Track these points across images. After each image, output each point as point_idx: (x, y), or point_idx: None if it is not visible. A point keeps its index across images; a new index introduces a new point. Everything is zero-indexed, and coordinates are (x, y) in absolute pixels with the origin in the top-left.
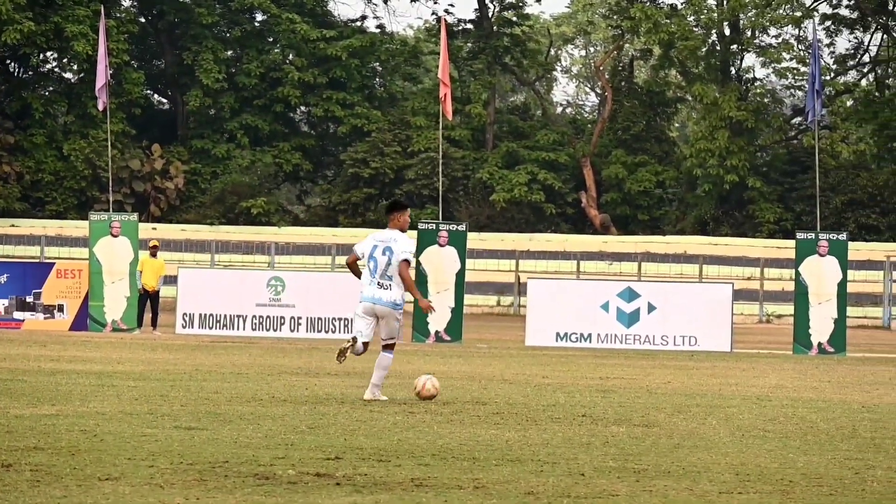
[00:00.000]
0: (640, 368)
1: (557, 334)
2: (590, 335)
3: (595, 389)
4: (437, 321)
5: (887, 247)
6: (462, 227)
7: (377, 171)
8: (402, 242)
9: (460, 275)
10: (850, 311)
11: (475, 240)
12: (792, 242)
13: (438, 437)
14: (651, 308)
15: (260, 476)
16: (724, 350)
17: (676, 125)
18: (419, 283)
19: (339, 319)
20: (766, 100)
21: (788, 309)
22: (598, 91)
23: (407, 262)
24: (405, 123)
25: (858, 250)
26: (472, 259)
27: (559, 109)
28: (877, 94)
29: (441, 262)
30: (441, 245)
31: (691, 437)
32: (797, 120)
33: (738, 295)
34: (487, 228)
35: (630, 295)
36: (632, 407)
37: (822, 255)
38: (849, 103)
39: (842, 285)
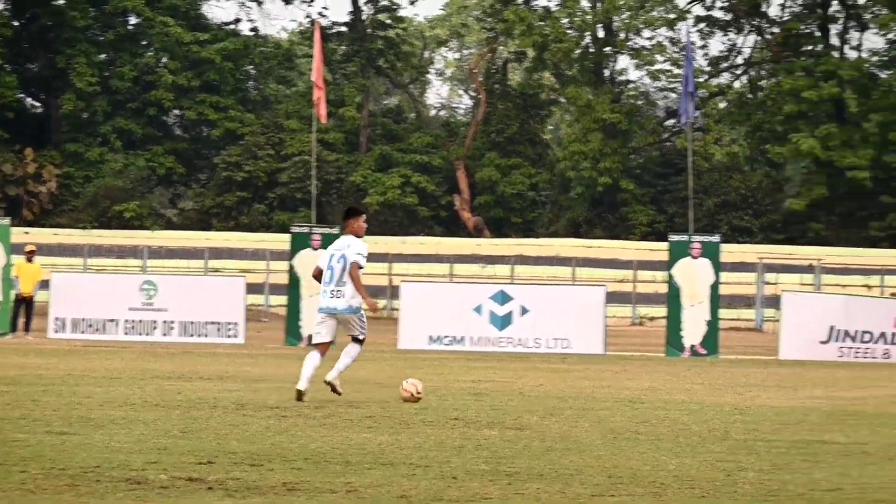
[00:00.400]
0: (513, 371)
1: (430, 337)
2: (463, 338)
3: (468, 392)
4: (311, 325)
5: (760, 249)
6: (335, 231)
7: (250, 174)
8: (355, 246)
9: None
10: (723, 312)
11: None
12: (665, 245)
13: (311, 440)
14: (524, 311)
15: (132, 481)
16: (596, 352)
17: (550, 127)
18: (291, 287)
19: (212, 323)
20: (639, 102)
21: (661, 311)
22: (472, 94)
23: (357, 264)
24: (278, 126)
25: (731, 252)
26: None
27: (433, 112)
28: (750, 96)
29: (313, 265)
30: (314, 249)
31: (563, 439)
32: (670, 122)
33: (611, 297)
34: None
35: (503, 298)
36: (504, 410)
37: (694, 258)
38: (722, 105)
39: (714, 287)
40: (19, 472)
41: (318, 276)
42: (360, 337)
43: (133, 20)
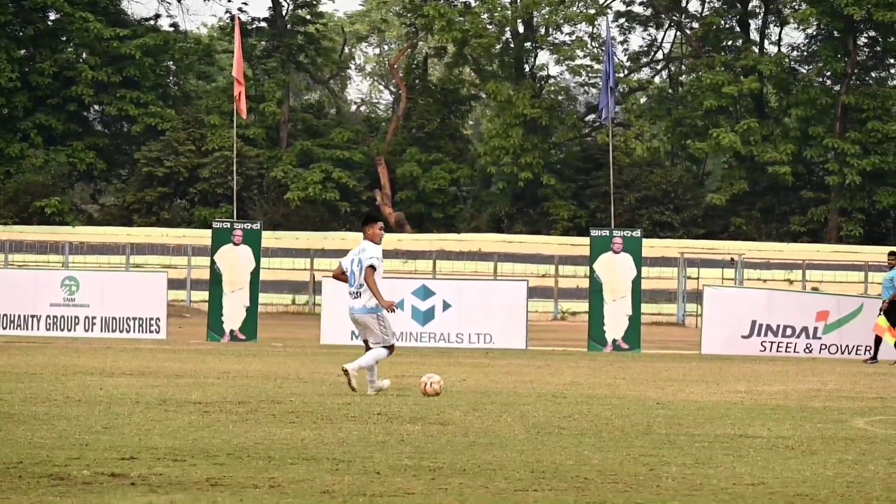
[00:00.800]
0: (436, 366)
1: (353, 332)
2: None
3: (390, 388)
4: (234, 320)
5: (681, 243)
6: (256, 226)
7: (171, 169)
8: (369, 251)
9: (255, 273)
10: (645, 307)
11: (270, 238)
12: (586, 240)
13: (233, 436)
14: (446, 306)
15: (55, 477)
16: (519, 347)
17: (471, 123)
18: (213, 282)
19: (134, 319)
20: (560, 97)
21: (583, 306)
22: (393, 89)
23: (371, 267)
24: (199, 122)
25: (652, 247)
26: (267, 258)
27: (353, 108)
28: (670, 91)
29: (236, 261)
30: (236, 244)
31: (486, 434)
32: (591, 117)
33: (533, 292)
34: (282, 227)
35: (425, 293)
36: (427, 405)
37: (616, 252)
38: (642, 100)
39: (636, 282)
40: None
41: (338, 276)
42: (384, 346)
43: (53, 16)
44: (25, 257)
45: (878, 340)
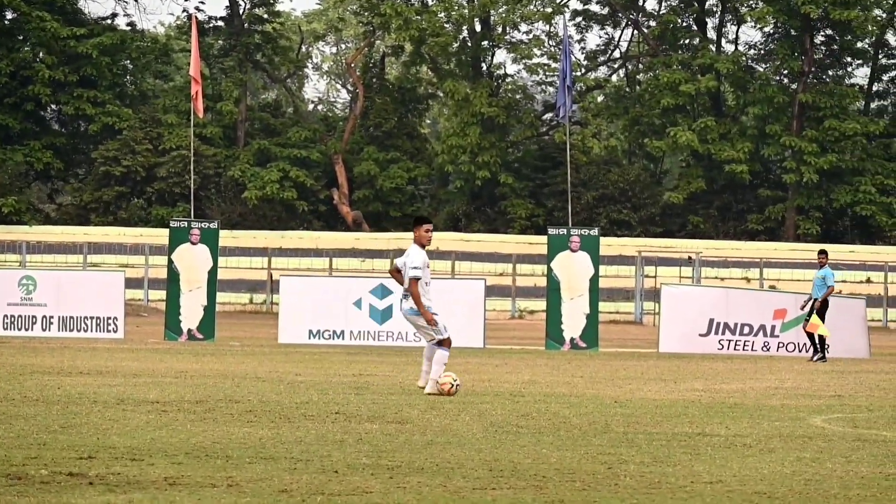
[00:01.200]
0: (394, 365)
1: (310, 331)
2: (343, 332)
3: (348, 386)
4: (192, 319)
5: (638, 242)
6: (214, 226)
7: (129, 169)
8: (412, 258)
9: (212, 272)
10: (603, 306)
11: (227, 237)
12: (544, 238)
13: (191, 435)
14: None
15: (12, 476)
16: (476, 346)
17: (428, 122)
18: (171, 281)
19: (92, 318)
20: (517, 96)
21: (541, 305)
22: (350, 88)
23: (414, 279)
24: (156, 121)
25: (610, 245)
26: (225, 257)
27: (311, 107)
28: (627, 89)
29: (194, 260)
30: (193, 243)
31: (444, 433)
32: (548, 116)
33: (491, 291)
34: (240, 226)
35: (383, 291)
36: (385, 404)
37: (573, 251)
38: (600, 99)
39: (594, 280)
40: None
41: (393, 274)
42: (439, 338)
43: (9, 15)
44: None
45: (821, 339)
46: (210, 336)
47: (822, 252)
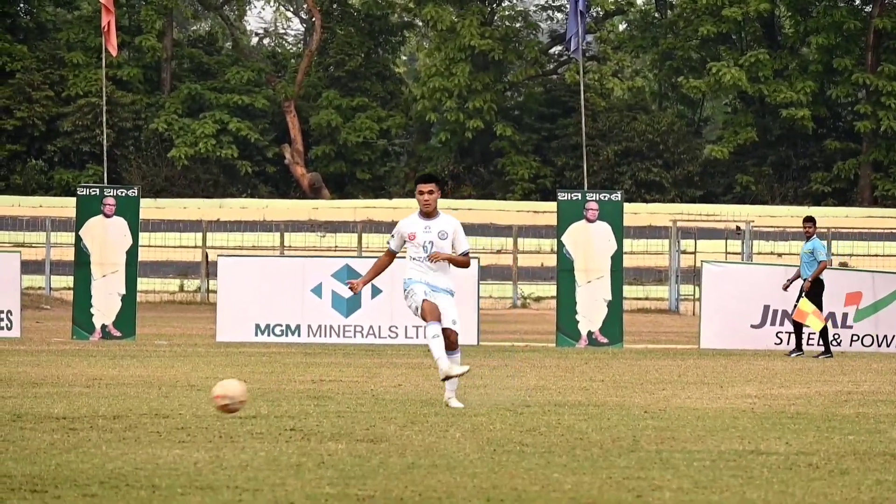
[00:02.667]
0: (364, 368)
1: (258, 327)
2: (298, 327)
3: (306, 396)
4: (106, 313)
5: (673, 208)
6: (133, 193)
7: (24, 121)
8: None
9: (132, 253)
10: (628, 290)
11: (150, 207)
12: (553, 205)
13: (108, 459)
14: (376, 292)
15: None
16: (468, 343)
17: (404, 58)
18: (79, 265)
19: None
20: (516, 24)
21: (550, 290)
22: (304, 16)
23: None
24: (59, 61)
25: (637, 213)
26: (148, 232)
27: (255, 40)
28: (656, 15)
29: (106, 236)
30: (107, 215)
31: (429, 454)
32: (557, 49)
33: (486, 273)
34: (166, 193)
35: (348, 274)
36: (353, 417)
37: (590, 221)
38: (622, 27)
39: (616, 258)
40: None
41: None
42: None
43: None
44: None
45: (798, 328)
46: (130, 334)
47: (809, 219)
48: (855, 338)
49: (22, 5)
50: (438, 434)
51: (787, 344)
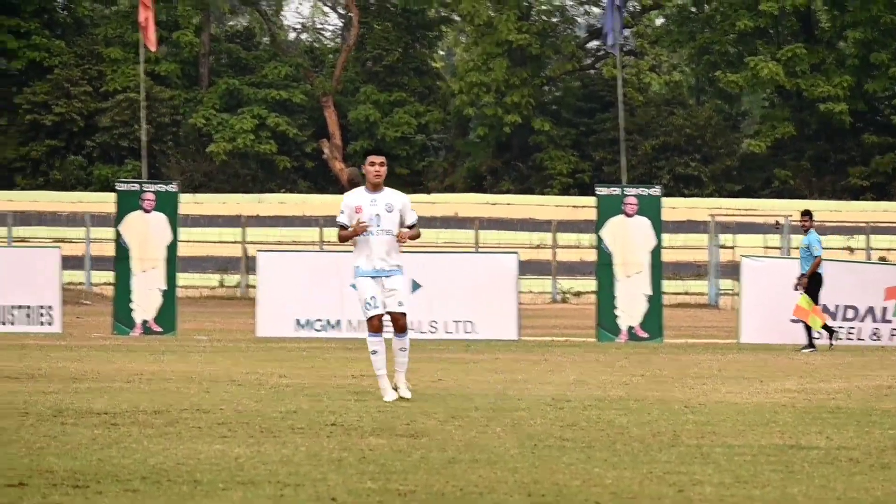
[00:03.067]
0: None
1: (297, 322)
2: (339, 322)
3: (347, 391)
4: (147, 308)
5: (711, 203)
6: (173, 188)
7: (63, 117)
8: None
9: (172, 248)
10: (668, 285)
11: (189, 203)
12: (591, 200)
13: (149, 454)
14: (415, 286)
15: None
16: (508, 338)
17: (441, 53)
18: (119, 259)
19: (20, 308)
20: (553, 19)
21: (589, 285)
22: (342, 12)
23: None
24: (97, 56)
25: (675, 208)
26: (187, 227)
27: (292, 35)
28: (693, 9)
29: (147, 232)
30: (146, 211)
31: (470, 449)
32: (594, 44)
33: (525, 268)
34: (204, 188)
35: None
36: (393, 413)
37: (629, 216)
38: (659, 22)
39: (656, 253)
40: None
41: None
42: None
43: None
44: None
45: (828, 326)
46: (170, 329)
47: (806, 213)
48: (894, 332)
49: (59, 0)
50: (479, 429)
51: (822, 340)
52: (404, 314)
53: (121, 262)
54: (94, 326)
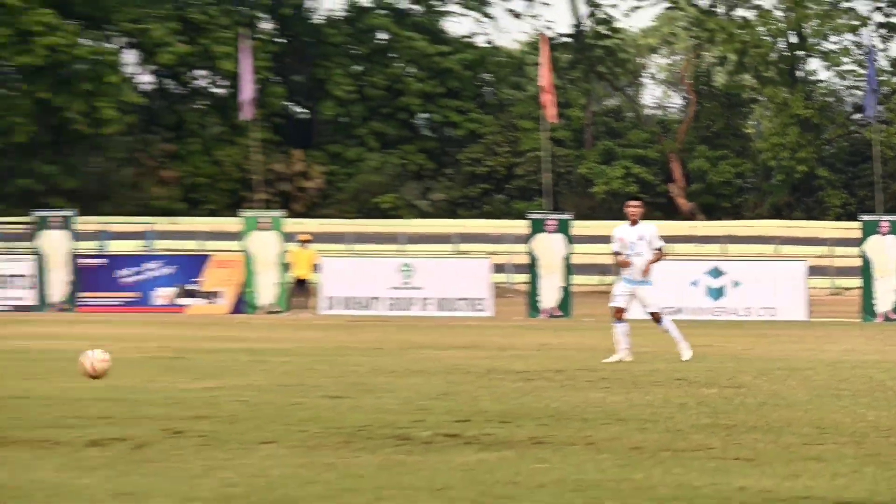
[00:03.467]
0: (727, 337)
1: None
2: (682, 308)
3: (697, 356)
4: (549, 299)
5: None
6: (568, 217)
7: (491, 168)
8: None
9: (567, 258)
10: None
11: (579, 227)
12: (857, 224)
13: (553, 400)
14: (735, 284)
15: (399, 438)
16: (801, 319)
17: (752, 123)
18: (531, 266)
19: (463, 299)
20: (829, 99)
21: (856, 282)
22: (683, 94)
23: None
24: (513, 126)
25: None
26: (577, 244)
27: (648, 111)
28: None
29: (550, 247)
30: (549, 232)
31: (774, 396)
32: (858, 116)
33: (812, 271)
34: (589, 217)
35: (716, 273)
36: (721, 371)
37: (883, 234)
38: None
39: None
40: (300, 431)
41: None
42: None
43: (383, 36)
44: (366, 247)
45: None
46: (567, 313)
47: None
48: None
49: (488, 88)
50: (780, 382)
51: None
52: (660, 312)
53: (532, 267)
54: (514, 312)
